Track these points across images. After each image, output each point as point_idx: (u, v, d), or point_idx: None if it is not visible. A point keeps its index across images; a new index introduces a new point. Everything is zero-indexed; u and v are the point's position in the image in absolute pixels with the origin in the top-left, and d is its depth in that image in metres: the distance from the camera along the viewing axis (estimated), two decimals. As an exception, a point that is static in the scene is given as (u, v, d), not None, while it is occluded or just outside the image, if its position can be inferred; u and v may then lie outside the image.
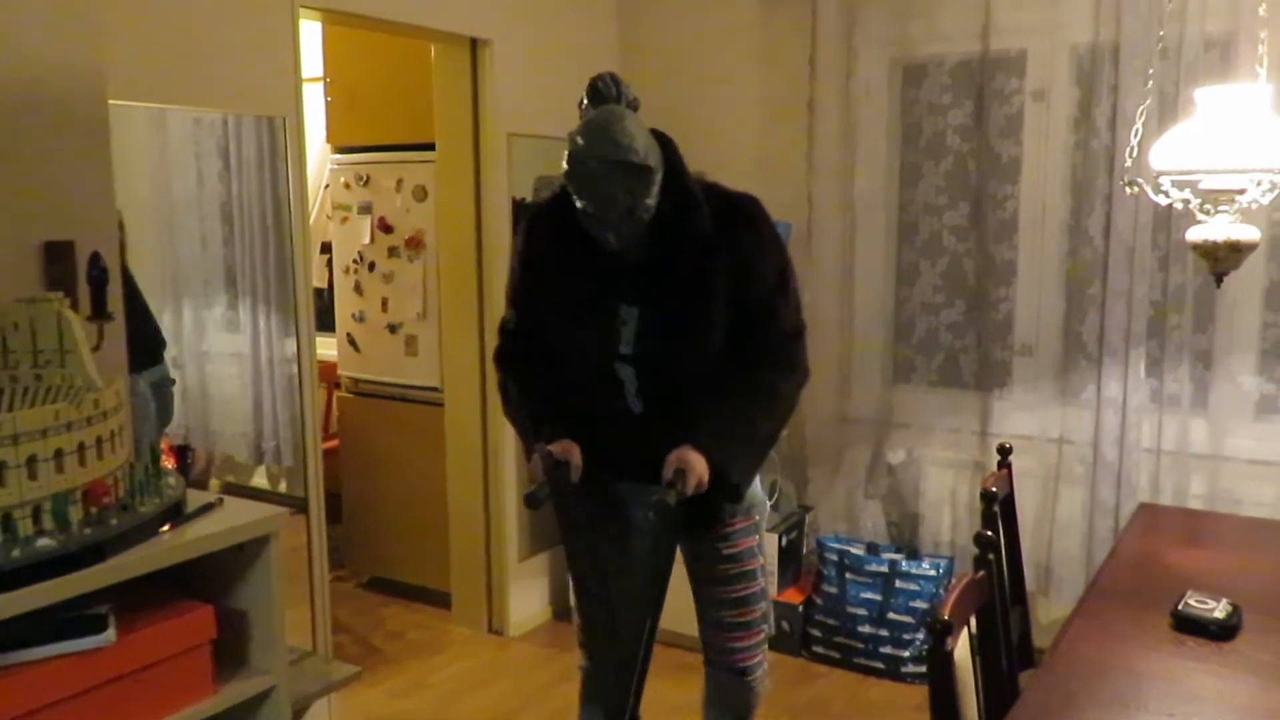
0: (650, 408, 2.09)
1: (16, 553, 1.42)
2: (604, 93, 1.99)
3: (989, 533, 2.04)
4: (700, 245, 2.00)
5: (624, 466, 2.14)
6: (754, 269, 2.03)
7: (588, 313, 2.08)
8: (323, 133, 4.25)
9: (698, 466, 1.96)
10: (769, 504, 3.62)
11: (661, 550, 2.10)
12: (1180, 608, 1.96)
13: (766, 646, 2.29)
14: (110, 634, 1.56)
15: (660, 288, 2.04)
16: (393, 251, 4.01)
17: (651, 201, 1.94)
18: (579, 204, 1.94)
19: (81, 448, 1.52)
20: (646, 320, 2.05)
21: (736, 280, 2.02)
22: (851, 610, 3.50)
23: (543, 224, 2.16)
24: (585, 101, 2.01)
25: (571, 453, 2.07)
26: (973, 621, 1.87)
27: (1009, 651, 2.11)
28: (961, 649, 1.76)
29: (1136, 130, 2.43)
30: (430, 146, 3.76)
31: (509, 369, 2.25)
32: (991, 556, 2.00)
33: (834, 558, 3.57)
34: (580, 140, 1.90)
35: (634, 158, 1.88)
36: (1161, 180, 2.26)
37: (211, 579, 1.79)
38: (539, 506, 2.04)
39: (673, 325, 2.04)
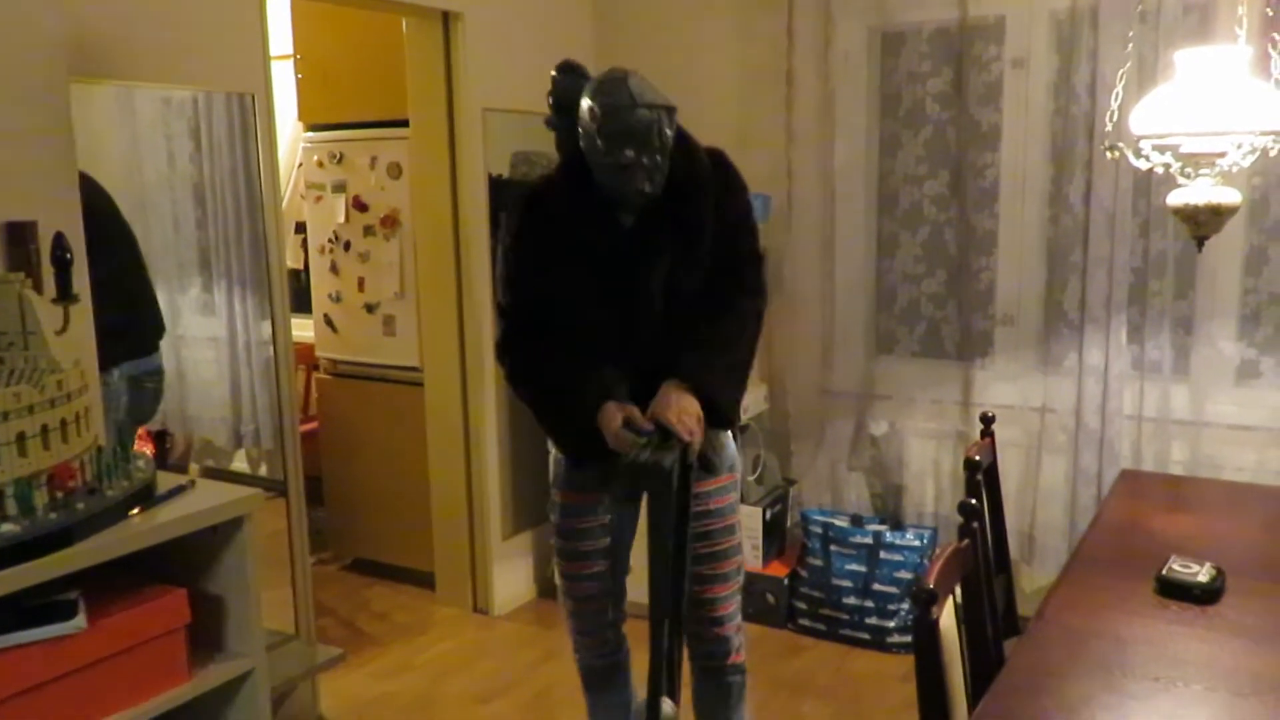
0: (675, 356, 2.13)
1: (-20, 539, 1.39)
2: (574, 63, 2.15)
3: (973, 500, 2.03)
4: (701, 190, 2.12)
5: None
6: (727, 207, 2.16)
7: (597, 278, 2.11)
8: (294, 111, 4.18)
9: (691, 408, 2.02)
10: (752, 477, 3.63)
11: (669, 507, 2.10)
12: (1164, 573, 1.96)
13: (740, 601, 2.31)
14: (80, 620, 1.53)
15: (673, 241, 2.11)
16: (368, 230, 3.96)
17: (670, 146, 2.06)
18: (615, 159, 2.01)
19: (45, 430, 1.49)
20: (665, 274, 2.12)
21: (716, 219, 2.14)
22: (836, 582, 3.50)
23: (542, 202, 2.18)
24: (558, 77, 2.18)
25: (631, 411, 2.07)
26: (958, 591, 1.86)
27: (994, 619, 2.11)
28: (947, 618, 1.75)
29: (1116, 94, 2.41)
30: (404, 123, 3.70)
31: (519, 353, 2.22)
32: (976, 525, 1.99)
33: (818, 530, 3.56)
34: (613, 94, 2.01)
35: (664, 100, 2.04)
36: (1142, 144, 2.24)
37: (185, 563, 1.76)
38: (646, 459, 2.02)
39: (691, 273, 2.13)
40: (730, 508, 2.26)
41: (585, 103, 2.05)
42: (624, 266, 2.12)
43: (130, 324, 2.19)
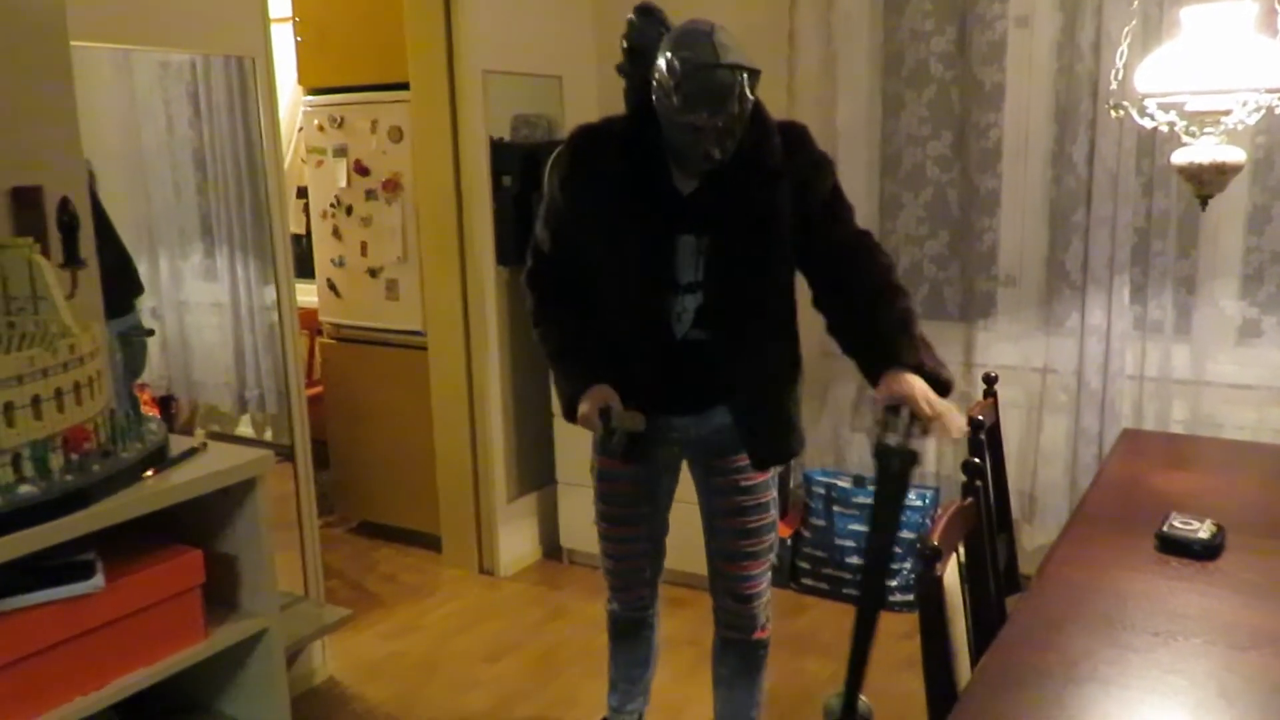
0: (714, 335, 2.09)
1: (-2, 501, 1.41)
2: (653, 7, 2.07)
3: (975, 459, 2.05)
4: (771, 174, 2.02)
5: (671, 397, 2.16)
6: (811, 187, 2.06)
7: (642, 240, 2.05)
8: (294, 74, 4.16)
9: (919, 386, 1.95)
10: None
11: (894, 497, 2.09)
12: (1164, 529, 1.98)
13: (770, 577, 2.31)
14: (98, 580, 1.56)
15: (730, 217, 2.03)
16: (370, 194, 3.95)
17: (749, 111, 1.94)
18: (687, 119, 1.89)
19: (59, 394, 1.50)
20: (717, 248, 2.04)
21: (796, 204, 2.04)
22: (839, 542, 3.53)
23: (598, 146, 2.10)
24: (635, 20, 2.07)
25: (613, 400, 2.09)
26: (961, 549, 1.89)
27: (996, 576, 2.13)
28: (950, 575, 1.77)
29: (1121, 53, 2.40)
30: (405, 86, 3.68)
31: (541, 292, 2.24)
32: (979, 483, 2.01)
33: (821, 491, 3.59)
34: (694, 49, 1.87)
35: (748, 61, 1.89)
36: (1146, 103, 2.23)
37: (199, 524, 1.78)
38: (619, 452, 2.10)
39: (744, 254, 2.05)
40: (764, 485, 2.22)
41: (664, 55, 1.91)
42: (668, 235, 2.05)
43: (106, 286, 2.24)
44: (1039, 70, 3.27)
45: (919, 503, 3.46)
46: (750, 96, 1.92)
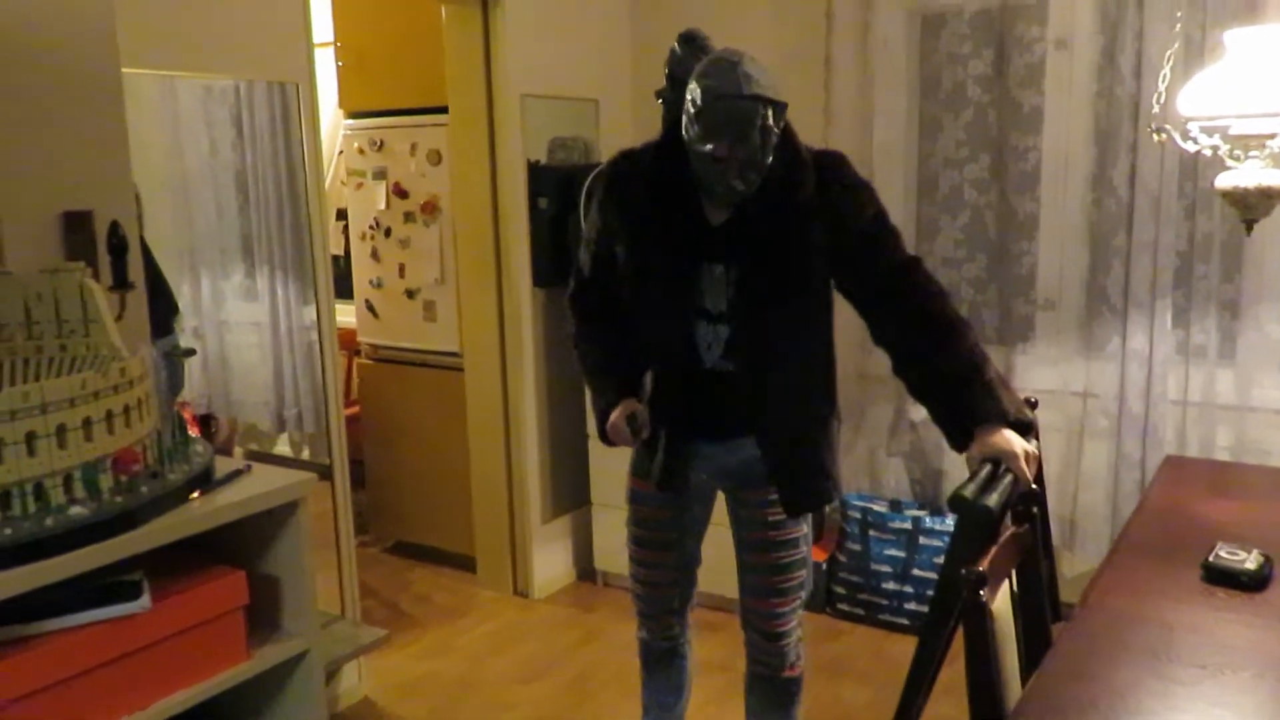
0: (741, 367, 2.07)
1: (49, 521, 1.43)
2: (697, 35, 2.07)
3: (1034, 485, 2.00)
4: (802, 207, 1.98)
5: (698, 424, 2.15)
6: (849, 217, 2.01)
7: (670, 269, 2.04)
8: (335, 98, 4.22)
9: (1015, 442, 1.89)
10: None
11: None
12: (1211, 559, 1.94)
13: (801, 615, 2.27)
14: (145, 600, 1.58)
15: (759, 248, 2.00)
16: (408, 216, 3.99)
17: (774, 144, 1.91)
18: (707, 148, 1.87)
19: (109, 416, 1.53)
20: (743, 280, 2.02)
21: (834, 235, 2.00)
22: (875, 567, 3.51)
23: (632, 171, 2.10)
24: (678, 49, 2.08)
25: (638, 410, 2.14)
26: (1013, 577, 1.86)
27: (1052, 604, 2.08)
28: (1001, 602, 1.75)
29: (1164, 76, 2.39)
30: (443, 110, 3.73)
31: (582, 314, 2.29)
32: (1036, 510, 1.97)
33: (857, 515, 3.57)
34: (718, 78, 1.85)
35: (773, 93, 1.86)
36: (1190, 126, 2.22)
37: (241, 545, 1.80)
38: (639, 434, 2.14)
39: (771, 287, 2.01)
40: (793, 520, 2.18)
41: (691, 83, 1.91)
42: (696, 264, 2.03)
43: (152, 301, 2.32)
44: (1079, 93, 3.25)
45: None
46: (775, 129, 1.89)
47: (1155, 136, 2.31)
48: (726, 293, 2.03)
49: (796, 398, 2.12)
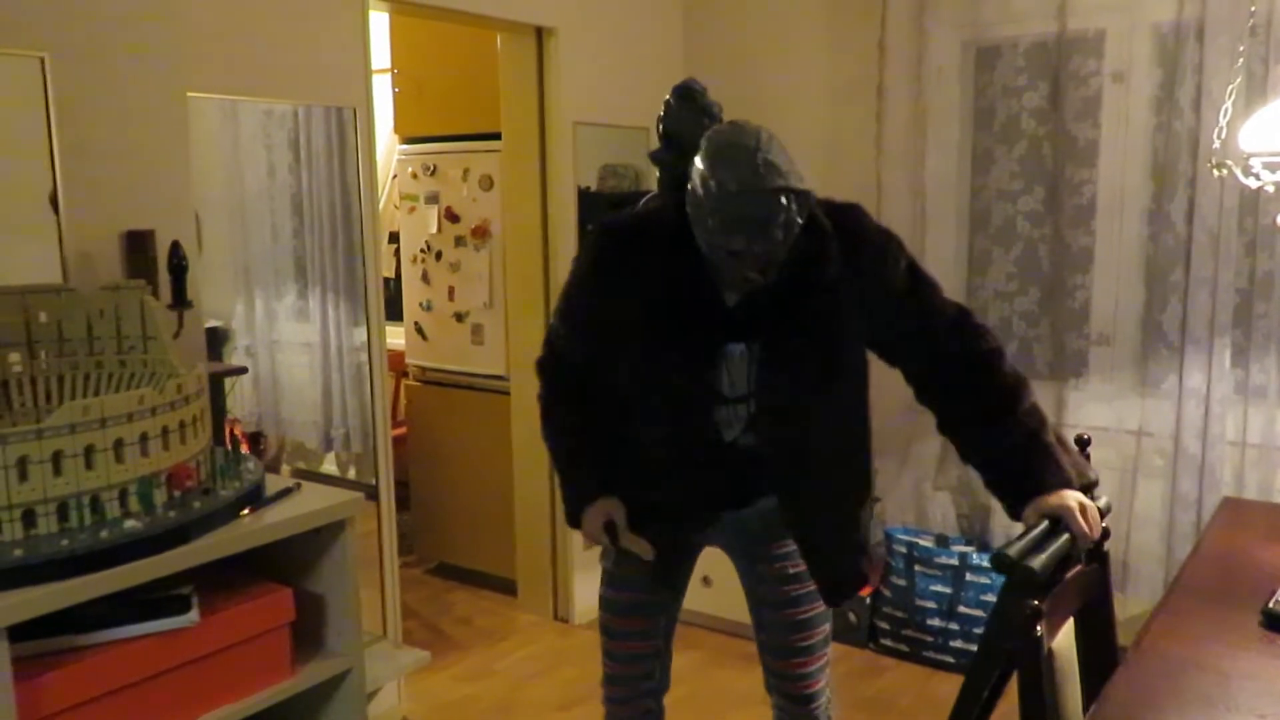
0: (768, 445, 1.88)
1: (104, 534, 1.46)
2: (694, 89, 1.90)
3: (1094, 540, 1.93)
4: (829, 283, 1.79)
5: (715, 496, 1.94)
6: (880, 278, 1.82)
7: (684, 350, 1.82)
8: (390, 123, 4.29)
9: (1069, 496, 1.74)
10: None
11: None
12: (1271, 605, 1.89)
13: (829, 670, 2.12)
14: (194, 614, 1.60)
15: (784, 326, 1.81)
16: (459, 241, 4.04)
17: (796, 234, 1.68)
18: (723, 241, 1.65)
19: (165, 432, 1.56)
20: (766, 359, 1.82)
21: (865, 298, 1.82)
22: (920, 603, 3.45)
23: (621, 244, 1.86)
24: (673, 104, 1.90)
25: (618, 516, 1.93)
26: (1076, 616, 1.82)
27: (1114, 646, 2.01)
28: (1064, 639, 1.71)
29: (1225, 110, 2.36)
30: (496, 136, 3.77)
31: (551, 387, 2.04)
32: (1107, 548, 1.90)
33: (903, 550, 3.52)
34: (734, 169, 1.61)
35: (796, 181, 1.63)
36: (1251, 162, 2.18)
37: (289, 562, 1.82)
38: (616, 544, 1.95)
39: (798, 364, 1.82)
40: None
41: (700, 164, 1.66)
42: (712, 345, 1.81)
43: None
44: (1135, 126, 3.21)
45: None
46: (798, 220, 1.66)
47: (1216, 172, 2.28)
48: (749, 371, 1.83)
49: (833, 479, 1.95)
